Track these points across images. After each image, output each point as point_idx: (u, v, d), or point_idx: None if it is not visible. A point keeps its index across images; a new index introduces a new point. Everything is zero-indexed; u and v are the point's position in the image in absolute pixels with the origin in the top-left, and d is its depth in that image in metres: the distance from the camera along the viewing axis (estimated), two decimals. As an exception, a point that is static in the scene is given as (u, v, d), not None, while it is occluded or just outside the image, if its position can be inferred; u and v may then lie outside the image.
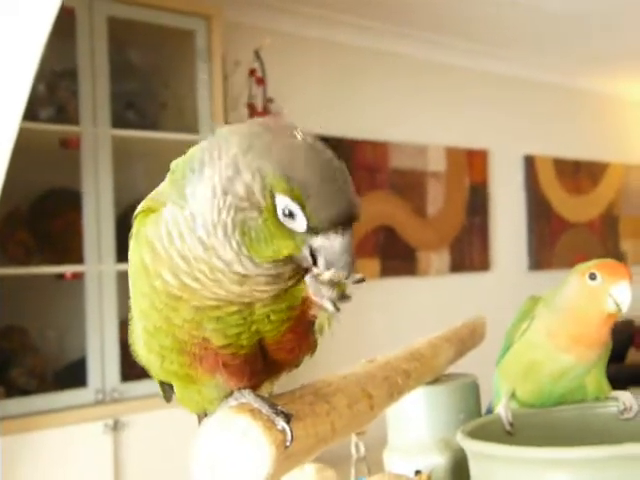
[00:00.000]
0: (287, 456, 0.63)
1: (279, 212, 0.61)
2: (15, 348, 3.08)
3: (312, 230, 0.61)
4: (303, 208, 0.61)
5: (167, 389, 0.80)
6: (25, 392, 2.93)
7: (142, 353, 0.72)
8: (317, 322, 0.70)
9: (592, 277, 1.03)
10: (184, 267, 0.64)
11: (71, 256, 3.08)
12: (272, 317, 0.68)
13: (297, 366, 0.75)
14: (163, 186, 0.72)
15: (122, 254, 3.15)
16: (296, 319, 0.69)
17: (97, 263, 3.03)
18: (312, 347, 0.73)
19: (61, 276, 3.08)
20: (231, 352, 0.67)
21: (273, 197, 0.61)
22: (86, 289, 3.01)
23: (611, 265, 1.05)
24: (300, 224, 0.61)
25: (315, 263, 0.63)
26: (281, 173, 0.61)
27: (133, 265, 0.69)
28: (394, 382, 0.88)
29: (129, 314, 0.74)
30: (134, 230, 0.71)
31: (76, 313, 3.09)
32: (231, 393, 0.70)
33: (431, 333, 1.23)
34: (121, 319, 3.13)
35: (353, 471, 1.39)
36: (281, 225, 0.62)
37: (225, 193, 0.62)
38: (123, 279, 3.17)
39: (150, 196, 0.73)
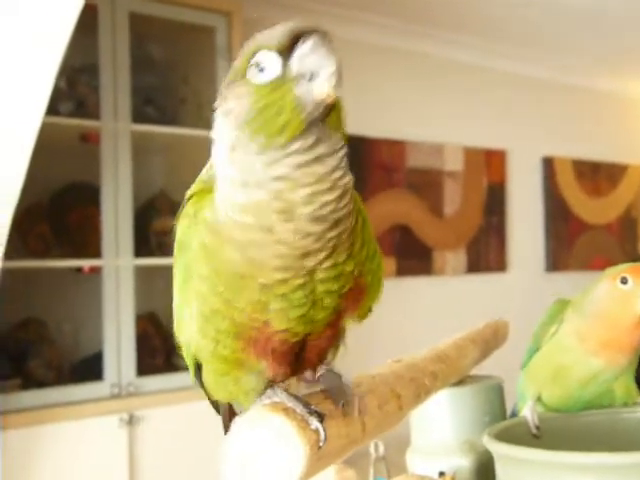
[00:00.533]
0: (320, 457, 0.63)
1: (253, 74, 0.63)
2: (33, 340, 3.10)
3: (284, 57, 0.62)
4: (269, 49, 0.62)
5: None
6: (42, 384, 2.95)
7: (192, 338, 0.72)
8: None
9: (624, 281, 1.02)
10: (243, 236, 0.64)
11: (89, 250, 3.10)
12: (325, 301, 0.67)
13: (314, 369, 0.76)
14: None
15: (140, 249, 3.17)
16: (337, 315, 0.70)
17: (115, 257, 3.04)
18: (335, 353, 0.75)
19: (79, 270, 3.10)
20: (284, 338, 0.68)
21: (246, 69, 0.64)
22: (103, 283, 3.03)
23: None
24: (274, 65, 0.63)
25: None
26: (247, 53, 0.65)
27: (189, 249, 0.69)
28: (421, 383, 0.87)
29: (174, 301, 0.75)
30: (189, 212, 0.71)
31: (93, 307, 3.11)
32: (264, 390, 0.70)
33: (447, 333, 1.22)
34: (138, 313, 3.14)
35: (372, 471, 1.38)
36: (261, 85, 0.63)
37: (225, 119, 0.66)
38: (140, 274, 3.19)
39: (201, 178, 0.73)
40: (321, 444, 0.64)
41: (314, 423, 0.64)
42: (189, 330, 0.72)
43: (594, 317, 1.04)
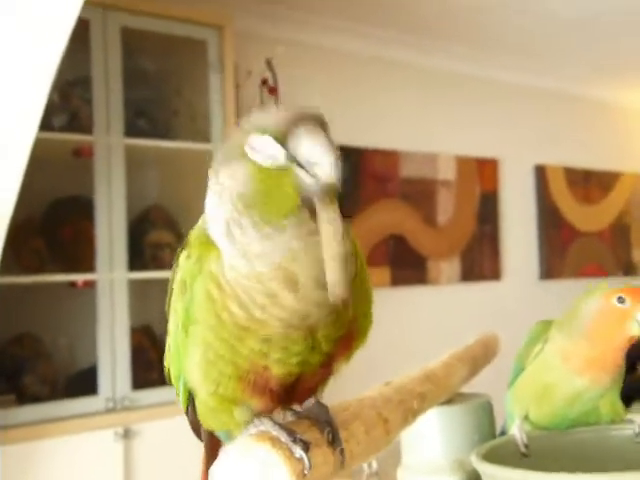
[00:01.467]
0: (306, 485, 0.63)
1: (250, 155, 0.66)
2: (27, 355, 3.09)
3: (284, 145, 0.65)
4: (268, 134, 0.65)
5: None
6: (36, 399, 2.95)
7: (192, 379, 0.74)
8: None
9: (620, 300, 1.02)
10: (246, 298, 0.66)
11: (83, 264, 3.10)
12: (323, 346, 0.70)
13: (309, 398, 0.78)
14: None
15: (134, 262, 3.17)
16: (329, 358, 0.72)
17: (109, 271, 3.04)
18: (324, 387, 0.78)
19: (73, 284, 3.10)
20: (281, 379, 0.70)
21: (243, 150, 0.67)
22: (98, 297, 3.03)
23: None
24: (272, 150, 0.65)
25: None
26: (241, 128, 0.69)
27: (194, 295, 0.71)
28: (409, 406, 0.88)
29: (167, 340, 0.78)
30: (194, 255, 0.73)
31: (88, 321, 3.10)
32: (251, 420, 0.71)
33: (442, 342, 1.23)
34: (132, 327, 3.14)
35: (365, 486, 1.39)
36: (261, 168, 0.65)
37: (219, 196, 0.69)
38: (135, 287, 3.19)
39: (201, 227, 0.75)
40: (306, 472, 0.64)
41: (298, 452, 0.65)
42: (189, 370, 0.74)
43: (582, 334, 1.04)
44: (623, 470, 0.86)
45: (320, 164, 0.64)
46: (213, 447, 0.86)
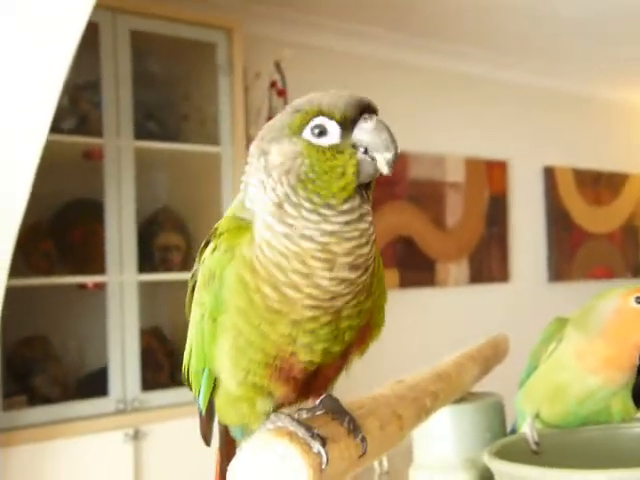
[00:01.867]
0: (325, 479, 0.64)
1: (310, 136, 0.69)
2: (37, 357, 3.11)
3: (345, 129, 0.70)
4: (330, 117, 0.70)
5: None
6: (47, 401, 2.96)
7: (221, 368, 0.75)
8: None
9: (638, 300, 1.03)
10: (281, 277, 0.68)
11: (93, 266, 3.12)
12: (346, 335, 0.73)
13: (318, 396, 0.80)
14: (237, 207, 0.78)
15: (143, 264, 3.18)
16: (348, 348, 0.75)
17: (119, 273, 3.06)
18: (338, 378, 0.80)
19: (83, 286, 3.11)
20: (304, 367, 0.72)
21: (302, 130, 0.70)
22: (108, 299, 3.04)
23: None
24: (333, 132, 0.70)
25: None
26: (299, 108, 0.73)
27: (224, 283, 0.73)
28: (422, 404, 0.89)
29: (190, 330, 0.79)
30: (223, 246, 0.74)
31: (98, 323, 3.12)
32: (269, 415, 0.72)
33: (451, 344, 1.24)
34: (142, 329, 3.15)
35: (376, 486, 1.40)
36: (323, 149, 0.69)
37: (268, 175, 0.70)
38: (144, 289, 3.21)
39: (232, 215, 0.77)
40: (323, 466, 0.65)
41: (316, 446, 0.66)
42: (218, 360, 0.75)
43: (598, 333, 1.05)
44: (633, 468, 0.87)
45: (384, 154, 0.70)
46: (228, 448, 0.88)
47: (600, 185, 5.99)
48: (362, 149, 0.70)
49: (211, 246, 0.76)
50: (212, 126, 3.42)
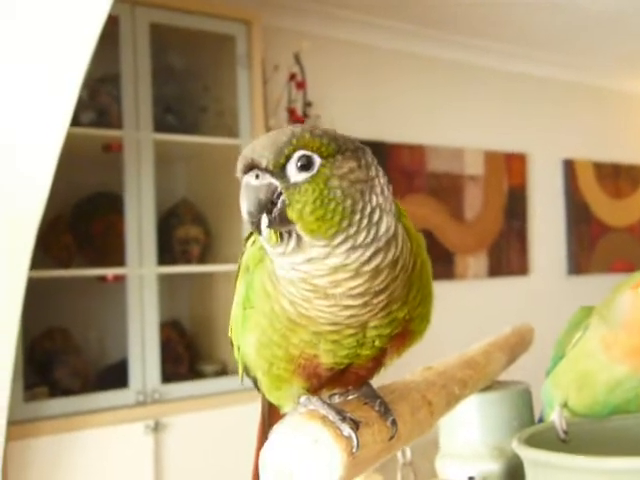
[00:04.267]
0: (356, 462, 0.64)
1: None
2: (58, 349, 3.13)
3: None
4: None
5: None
6: (68, 392, 2.98)
7: (248, 356, 0.76)
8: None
9: None
10: (295, 293, 0.68)
11: (113, 259, 3.13)
12: (376, 342, 0.72)
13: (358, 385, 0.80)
14: None
15: (163, 257, 3.19)
16: (382, 352, 0.74)
17: (138, 266, 3.07)
18: (377, 372, 0.79)
19: (103, 278, 3.13)
20: (330, 368, 0.72)
21: None
22: (127, 291, 3.05)
23: None
24: None
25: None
26: None
27: (255, 288, 0.74)
28: (451, 390, 0.88)
29: (233, 309, 0.80)
30: (257, 242, 0.75)
31: (118, 315, 3.13)
32: (299, 399, 0.73)
33: (469, 337, 1.23)
34: (161, 321, 3.17)
35: (399, 476, 1.39)
36: None
37: None
38: (164, 282, 3.22)
39: None
40: (354, 450, 0.65)
41: (346, 430, 0.66)
42: (246, 349, 0.76)
43: (620, 325, 1.03)
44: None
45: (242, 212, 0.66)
46: (271, 420, 0.88)
47: (620, 178, 5.95)
48: None
49: (252, 238, 0.77)
50: (231, 118, 3.42)
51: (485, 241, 5.09)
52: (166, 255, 3.29)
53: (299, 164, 0.64)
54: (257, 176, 0.65)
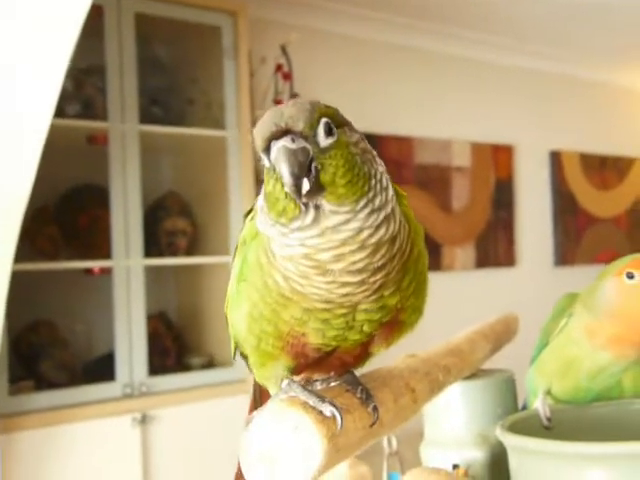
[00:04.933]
0: (338, 448, 0.64)
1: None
2: (44, 342, 3.12)
3: (268, 154, 0.67)
4: (258, 146, 0.68)
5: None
6: (54, 385, 2.97)
7: (239, 330, 0.77)
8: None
9: (630, 276, 1.01)
10: (291, 271, 0.68)
11: (99, 251, 3.12)
12: (365, 327, 0.72)
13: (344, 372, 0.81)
14: None
15: (149, 249, 3.18)
16: (370, 338, 0.75)
17: (125, 258, 3.06)
18: (364, 363, 0.80)
19: (89, 271, 3.11)
20: (317, 348, 0.73)
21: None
22: (114, 284, 3.04)
23: None
24: (264, 158, 0.68)
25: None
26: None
27: (249, 262, 0.74)
28: (435, 377, 0.88)
29: (231, 285, 0.80)
30: (254, 219, 0.75)
31: (104, 308, 3.12)
32: (281, 383, 0.74)
33: (457, 328, 1.23)
34: (148, 313, 3.16)
35: (385, 466, 1.39)
36: (267, 172, 0.68)
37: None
38: (151, 274, 3.21)
39: None
40: (339, 428, 0.66)
41: (328, 409, 0.66)
42: (238, 323, 0.77)
43: (604, 314, 1.03)
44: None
45: (282, 176, 0.65)
46: (262, 398, 0.90)
47: (606, 169, 5.98)
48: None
49: (251, 214, 0.78)
50: (218, 110, 3.41)
51: (472, 232, 5.10)
52: (153, 247, 3.27)
53: (325, 129, 0.66)
54: (293, 140, 0.65)
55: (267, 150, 0.66)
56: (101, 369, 3.10)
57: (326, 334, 0.71)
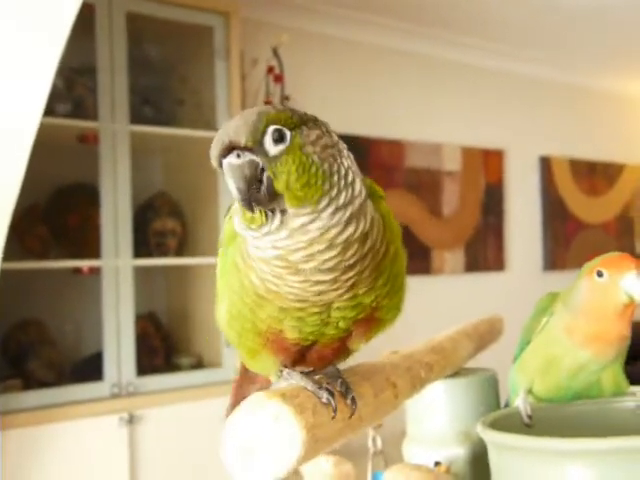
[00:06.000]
0: (316, 439, 0.65)
1: None
2: (32, 341, 3.11)
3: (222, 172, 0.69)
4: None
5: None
6: (42, 384, 2.97)
7: (222, 325, 0.79)
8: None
9: (599, 274, 1.03)
10: (265, 271, 0.70)
11: (88, 251, 3.11)
12: (340, 324, 0.73)
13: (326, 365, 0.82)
14: None
15: (139, 249, 3.18)
16: (347, 334, 0.76)
17: (114, 258, 3.06)
18: (345, 357, 0.81)
19: (78, 270, 3.11)
20: (295, 343, 0.75)
21: None
22: (103, 284, 3.04)
23: (616, 259, 1.05)
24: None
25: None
26: None
27: (227, 262, 0.76)
28: (417, 373, 0.89)
29: (217, 280, 0.81)
30: (227, 230, 0.77)
31: (93, 307, 3.12)
32: (281, 372, 0.77)
33: (439, 328, 1.24)
34: (137, 313, 3.16)
35: (370, 465, 1.40)
36: None
37: None
38: (139, 274, 3.20)
39: None
40: (333, 414, 0.68)
41: (324, 396, 0.69)
42: (220, 320, 0.79)
43: (580, 312, 1.05)
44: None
45: (232, 192, 0.67)
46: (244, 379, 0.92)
47: (596, 175, 6.01)
48: None
49: (229, 215, 0.79)
50: (208, 111, 3.41)
51: (462, 237, 5.12)
52: (142, 247, 3.27)
53: (274, 137, 0.66)
54: (238, 155, 0.66)
55: (221, 167, 0.68)
56: (89, 369, 3.10)
57: (302, 330, 0.72)
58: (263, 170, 0.66)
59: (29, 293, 3.18)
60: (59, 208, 3.26)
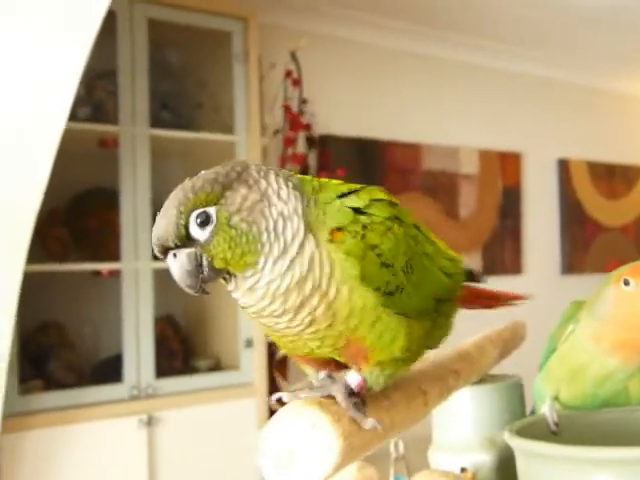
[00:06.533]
0: (352, 447, 0.65)
1: None
2: (52, 343, 3.14)
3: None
4: None
5: None
6: (62, 386, 2.99)
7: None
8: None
9: (626, 283, 1.03)
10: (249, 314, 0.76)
11: (108, 254, 3.14)
12: (326, 341, 0.75)
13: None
14: None
15: (158, 252, 3.19)
16: (348, 347, 0.76)
17: (134, 261, 3.08)
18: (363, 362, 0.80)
19: (98, 273, 3.14)
20: (313, 357, 0.79)
21: None
22: (122, 286, 3.06)
23: None
24: None
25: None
26: None
27: None
28: (445, 381, 0.90)
29: None
30: None
31: (112, 310, 3.14)
32: (320, 378, 0.80)
33: (463, 335, 1.24)
34: (156, 316, 3.18)
35: (392, 470, 1.41)
36: None
37: None
38: (159, 277, 3.22)
39: None
40: (380, 427, 0.70)
41: (370, 423, 0.70)
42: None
43: (607, 320, 1.05)
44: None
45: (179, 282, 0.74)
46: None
47: (614, 178, 5.98)
48: None
49: None
50: (227, 114, 3.43)
51: (479, 240, 5.11)
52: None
53: (198, 222, 0.69)
54: (175, 255, 0.71)
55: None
56: (109, 370, 3.12)
57: (289, 346, 0.77)
58: (201, 255, 0.70)
59: (50, 296, 3.21)
60: (80, 212, 3.29)
